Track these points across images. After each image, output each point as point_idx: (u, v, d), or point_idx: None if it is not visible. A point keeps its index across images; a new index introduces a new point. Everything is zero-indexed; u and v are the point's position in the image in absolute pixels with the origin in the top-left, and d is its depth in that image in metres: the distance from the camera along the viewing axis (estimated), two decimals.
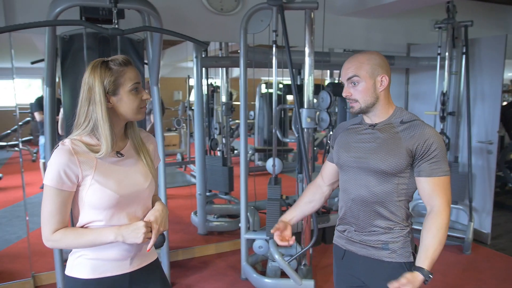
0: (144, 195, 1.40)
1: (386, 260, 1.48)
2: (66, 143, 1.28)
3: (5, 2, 2.69)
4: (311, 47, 2.90)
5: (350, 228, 1.55)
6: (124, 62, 1.32)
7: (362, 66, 1.44)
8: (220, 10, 3.37)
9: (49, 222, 1.27)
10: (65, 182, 1.25)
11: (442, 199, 1.41)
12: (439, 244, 1.38)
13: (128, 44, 2.86)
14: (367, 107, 1.47)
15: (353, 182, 1.52)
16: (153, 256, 1.50)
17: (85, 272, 1.35)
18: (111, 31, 2.23)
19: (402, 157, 1.41)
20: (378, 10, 3.72)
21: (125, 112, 1.33)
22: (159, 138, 2.92)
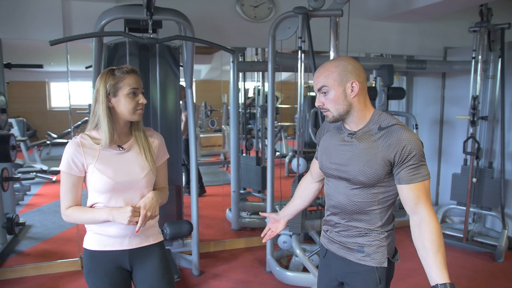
0: (140, 184, 1.61)
1: (359, 263, 1.49)
2: (77, 138, 1.57)
3: (64, 17, 3.09)
4: (336, 51, 3.02)
5: (332, 228, 1.59)
6: (127, 71, 1.56)
7: (330, 74, 1.42)
8: (254, 18, 3.58)
9: (63, 200, 1.57)
10: (73, 168, 1.54)
11: (427, 205, 1.38)
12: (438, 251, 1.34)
13: (166, 50, 3.15)
14: (340, 115, 1.45)
15: (334, 189, 1.54)
16: (154, 239, 1.70)
17: (92, 244, 1.62)
18: (147, 40, 2.51)
19: (379, 168, 1.39)
20: (412, 14, 3.75)
21: (123, 112, 1.56)
22: (191, 137, 3.18)
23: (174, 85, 3.27)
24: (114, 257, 1.63)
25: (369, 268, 1.47)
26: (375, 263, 1.47)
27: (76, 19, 3.15)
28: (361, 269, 1.49)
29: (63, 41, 2.48)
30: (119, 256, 1.63)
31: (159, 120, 3.19)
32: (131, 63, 3.02)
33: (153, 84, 3.15)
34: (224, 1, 3.50)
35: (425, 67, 3.84)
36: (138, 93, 1.57)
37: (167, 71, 3.20)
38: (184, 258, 3.37)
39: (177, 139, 3.36)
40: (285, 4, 3.58)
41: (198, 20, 3.26)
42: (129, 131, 1.65)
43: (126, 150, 1.62)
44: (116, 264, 1.64)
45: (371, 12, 3.92)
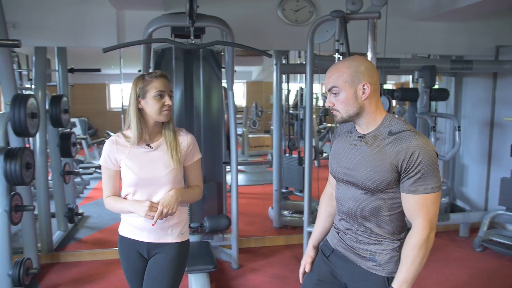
0: (161, 181, 1.72)
1: (369, 271, 1.45)
2: (113, 136, 1.76)
3: (118, 25, 3.38)
4: (373, 52, 3.04)
5: (343, 233, 1.55)
6: (155, 75, 1.70)
7: (341, 75, 1.39)
8: (295, 22, 3.68)
9: (104, 190, 1.78)
10: (108, 162, 1.74)
11: (422, 218, 1.33)
12: (412, 263, 1.33)
13: (209, 54, 3.34)
14: (350, 117, 1.42)
15: (343, 194, 1.50)
16: (173, 239, 1.79)
17: (122, 230, 1.82)
18: (189, 46, 2.70)
19: (387, 174, 1.35)
20: (458, 13, 3.65)
21: (150, 113, 1.70)
22: (232, 137, 3.34)
23: (217, 86, 3.46)
24: (136, 244, 1.79)
25: (379, 277, 1.42)
26: (386, 273, 1.42)
27: (129, 27, 3.42)
28: (371, 278, 1.44)
29: (114, 48, 2.74)
30: (139, 245, 1.79)
31: (202, 120, 3.38)
32: (176, 67, 3.24)
33: (196, 86, 3.35)
34: (265, 6, 3.63)
35: (472, 67, 3.72)
36: (164, 95, 1.69)
37: (210, 74, 3.39)
38: (224, 252, 3.54)
39: (220, 139, 3.53)
40: (326, 7, 3.64)
41: (240, 25, 3.41)
42: (159, 131, 1.77)
43: (154, 148, 1.75)
44: (137, 250, 1.80)
45: (414, 12, 3.87)
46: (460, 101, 4.66)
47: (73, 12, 3.33)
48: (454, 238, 4.17)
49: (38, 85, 3.73)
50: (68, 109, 3.86)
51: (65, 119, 3.78)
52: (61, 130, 4.06)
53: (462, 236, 4.18)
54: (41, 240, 3.61)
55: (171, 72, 3.26)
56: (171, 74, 3.29)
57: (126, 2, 3.22)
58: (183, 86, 3.31)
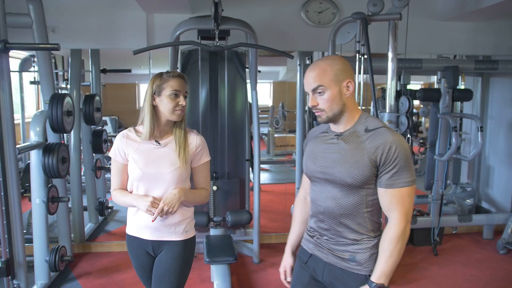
0: (164, 178, 1.72)
1: (351, 271, 1.45)
2: (125, 130, 1.79)
3: (148, 28, 3.55)
4: (394, 53, 3.07)
5: (319, 236, 1.53)
6: (173, 75, 1.72)
7: (325, 73, 1.38)
8: (318, 23, 3.75)
9: (112, 183, 1.81)
10: (117, 155, 1.76)
11: (399, 211, 1.36)
12: (390, 256, 1.35)
13: (234, 55, 3.47)
14: (335, 115, 1.42)
15: (320, 194, 1.49)
16: (177, 237, 1.79)
17: (128, 228, 1.84)
18: (214, 48, 2.83)
19: (366, 169, 1.37)
20: (483, 12, 3.62)
21: (163, 110, 1.71)
22: (255, 135, 3.45)
23: (241, 86, 3.58)
24: (142, 243, 1.81)
25: (361, 276, 1.43)
26: (368, 271, 1.42)
27: (158, 30, 3.59)
28: (353, 278, 1.44)
29: (144, 50, 2.90)
30: (145, 243, 1.80)
31: (227, 119, 3.51)
32: (202, 67, 3.38)
33: (221, 86, 3.48)
34: (289, 8, 3.72)
35: (497, 67, 3.69)
36: (180, 95, 1.71)
37: (234, 74, 3.51)
38: (246, 246, 3.66)
39: (243, 136, 3.65)
40: (349, 8, 3.68)
41: (265, 26, 3.53)
42: (170, 129, 1.78)
43: (162, 145, 1.76)
44: (144, 249, 1.82)
45: (438, 12, 3.87)
46: (487, 102, 4.60)
47: (107, 16, 3.53)
48: (477, 239, 4.13)
49: (73, 85, 3.96)
50: (100, 108, 4.07)
51: (97, 117, 3.99)
52: (94, 128, 4.29)
53: (486, 238, 4.14)
54: (74, 231, 3.83)
55: (197, 73, 3.41)
56: (197, 74, 3.44)
57: (156, 6, 3.38)
58: (209, 86, 3.45)
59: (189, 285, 3.05)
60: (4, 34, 2.41)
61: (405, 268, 3.48)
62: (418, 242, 3.93)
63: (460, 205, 4.25)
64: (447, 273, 3.40)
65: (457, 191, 4.62)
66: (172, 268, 1.78)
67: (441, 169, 3.76)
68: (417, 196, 4.71)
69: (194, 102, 3.50)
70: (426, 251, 3.82)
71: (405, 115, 3.05)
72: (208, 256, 2.82)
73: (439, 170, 3.77)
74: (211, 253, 2.86)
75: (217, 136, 3.50)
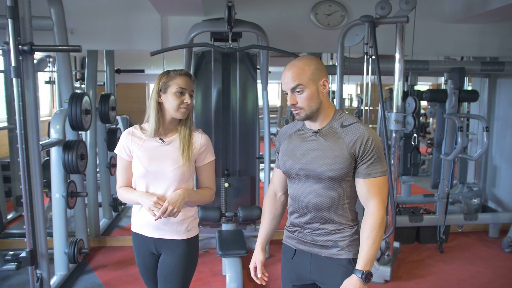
0: (167, 176, 1.71)
1: (335, 257, 1.51)
2: (131, 128, 1.79)
3: (162, 30, 3.68)
4: (401, 54, 3.16)
5: (301, 229, 1.57)
6: (180, 73, 1.72)
7: (303, 73, 1.43)
8: (327, 25, 3.85)
9: (117, 179, 1.81)
10: (122, 152, 1.76)
11: (377, 200, 1.44)
12: (373, 243, 1.42)
13: (246, 56, 3.58)
14: (312, 113, 1.47)
15: (302, 190, 1.53)
16: (179, 236, 1.78)
17: (133, 226, 1.85)
18: (227, 49, 2.95)
19: (346, 162, 1.44)
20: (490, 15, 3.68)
21: (168, 108, 1.71)
22: (266, 133, 3.56)
23: (252, 86, 3.69)
24: (144, 240, 1.81)
25: (346, 260, 1.50)
26: (350, 255, 1.49)
27: (171, 32, 3.72)
28: (337, 263, 1.51)
29: (160, 52, 3.03)
30: (148, 241, 1.80)
31: (238, 118, 3.62)
32: (215, 68, 3.50)
33: (233, 86, 3.60)
34: (299, 10, 3.82)
35: (503, 68, 3.76)
36: (185, 93, 1.70)
37: (246, 75, 3.62)
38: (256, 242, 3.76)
39: (254, 135, 3.76)
40: (358, 11, 3.77)
41: (275, 28, 3.64)
42: (175, 127, 1.78)
43: (166, 143, 1.75)
44: (147, 247, 1.82)
45: (445, 15, 3.94)
46: (493, 103, 4.66)
47: (123, 19, 3.66)
48: (482, 238, 4.20)
49: (90, 84, 4.10)
50: (115, 107, 4.19)
51: (112, 116, 4.12)
52: (108, 126, 4.42)
53: (492, 236, 4.21)
54: (90, 226, 3.96)
55: (210, 73, 3.53)
56: (210, 75, 3.55)
57: (170, 8, 3.50)
58: (221, 86, 3.57)
59: (201, 279, 3.21)
60: (30, 36, 2.54)
61: (411, 264, 3.56)
62: (424, 240, 4.01)
63: (466, 205, 4.31)
64: (453, 269, 3.48)
65: (463, 190, 4.69)
66: (177, 268, 1.78)
67: (447, 168, 3.83)
68: (424, 195, 4.80)
69: (206, 101, 3.62)
70: (432, 249, 3.90)
71: (412, 115, 3.13)
72: (221, 250, 2.93)
73: (445, 169, 3.85)
74: (223, 247, 2.97)
75: (228, 134, 3.61)
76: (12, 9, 2.37)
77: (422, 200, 4.65)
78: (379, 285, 3.17)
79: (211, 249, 3.78)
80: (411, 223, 3.88)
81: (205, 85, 3.59)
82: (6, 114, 4.73)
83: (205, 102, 3.63)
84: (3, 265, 3.33)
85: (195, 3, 3.24)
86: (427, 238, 3.99)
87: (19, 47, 2.44)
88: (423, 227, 3.97)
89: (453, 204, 4.31)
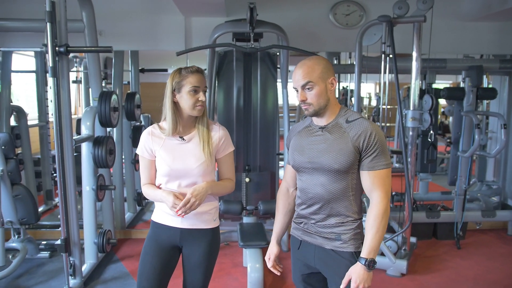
0: (193, 173, 1.77)
1: (338, 250, 1.58)
2: (149, 128, 1.83)
3: (186, 31, 3.83)
4: (418, 53, 3.22)
5: (307, 221, 1.66)
6: (191, 70, 1.73)
7: (314, 71, 1.53)
8: (345, 25, 3.93)
9: (141, 178, 1.86)
10: (144, 152, 1.81)
11: (380, 191, 1.52)
12: (377, 232, 1.49)
13: (266, 56, 3.70)
14: (320, 109, 1.56)
15: (309, 182, 1.62)
16: (206, 225, 1.85)
17: (156, 217, 1.88)
18: (249, 49, 3.07)
19: (351, 155, 1.52)
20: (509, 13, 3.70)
21: (184, 106, 1.74)
22: (286, 130, 3.67)
23: (272, 85, 3.80)
24: (169, 231, 1.84)
25: (348, 253, 1.58)
26: (353, 248, 1.57)
27: (195, 32, 3.86)
28: (340, 256, 1.59)
29: (186, 52, 3.17)
30: (171, 231, 1.83)
31: (259, 116, 3.74)
32: (237, 67, 3.64)
33: (254, 84, 3.72)
34: (318, 11, 3.92)
35: None
36: (199, 91, 1.73)
37: (266, 73, 3.74)
38: None
39: (274, 132, 3.88)
40: (376, 10, 3.85)
41: (295, 28, 3.74)
42: (193, 124, 1.82)
43: (187, 141, 1.80)
44: (170, 238, 1.84)
45: (463, 13, 3.97)
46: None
47: (148, 20, 3.82)
48: (501, 235, 4.22)
49: (116, 83, 4.29)
50: (140, 105, 4.37)
51: (137, 113, 4.30)
52: (133, 123, 4.60)
53: (511, 234, 4.22)
54: (116, 219, 4.14)
55: (232, 72, 3.67)
56: (232, 73, 3.69)
57: (195, 10, 3.65)
58: (242, 84, 3.70)
59: (223, 269, 3.35)
60: (65, 38, 2.72)
61: (428, 259, 3.63)
62: (441, 236, 4.06)
63: (485, 202, 4.33)
64: (469, 264, 3.53)
65: (482, 188, 4.70)
66: (205, 256, 1.84)
67: (464, 165, 3.87)
68: (441, 193, 4.82)
69: (228, 99, 3.76)
70: (449, 245, 3.95)
71: (428, 112, 3.20)
72: (242, 241, 3.06)
73: (463, 166, 3.88)
74: (244, 238, 3.10)
75: (249, 131, 3.74)
76: (50, 14, 2.54)
77: (439, 197, 4.69)
78: (395, 278, 3.25)
79: (232, 242, 3.92)
80: (428, 219, 3.94)
81: (227, 83, 3.73)
82: (38, 112, 4.97)
83: (227, 100, 3.76)
84: (37, 253, 3.55)
85: (218, 5, 3.37)
86: (444, 235, 4.04)
87: (56, 49, 2.62)
88: (440, 223, 4.01)
89: (472, 202, 4.33)
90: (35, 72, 4.87)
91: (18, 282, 3.17)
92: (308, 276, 1.72)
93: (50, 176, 4.95)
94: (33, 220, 3.36)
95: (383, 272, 3.33)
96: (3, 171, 3.08)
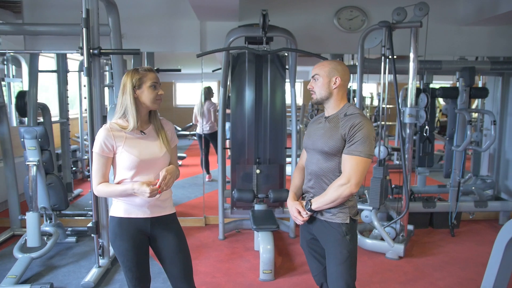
0: (159, 162, 1.89)
1: (327, 221, 1.90)
2: (106, 125, 1.86)
3: (201, 34, 4.15)
4: (415, 55, 3.53)
5: (308, 194, 1.99)
6: (148, 69, 1.89)
7: (323, 68, 1.87)
8: (349, 29, 4.25)
9: (95, 177, 1.86)
10: (104, 150, 1.83)
11: (348, 172, 1.79)
12: (325, 194, 1.84)
13: (276, 58, 4.02)
14: (322, 99, 1.89)
15: (310, 160, 1.97)
16: (170, 210, 1.99)
17: (121, 212, 1.90)
18: (262, 52, 3.39)
19: (338, 141, 1.82)
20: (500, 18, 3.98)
21: (145, 101, 1.86)
22: (293, 127, 3.98)
23: (281, 85, 4.11)
24: (138, 223, 1.91)
25: (336, 224, 1.88)
26: (340, 220, 1.88)
27: (209, 35, 4.18)
28: (330, 226, 1.90)
29: (205, 54, 3.50)
30: (142, 222, 1.92)
31: (269, 112, 4.05)
32: (249, 68, 3.95)
33: (264, 84, 4.03)
34: (323, 16, 4.24)
35: None
36: (158, 86, 1.88)
37: (276, 74, 4.05)
38: (284, 223, 4.20)
39: (282, 128, 4.19)
40: (377, 16, 4.17)
41: (301, 32, 4.06)
42: (147, 119, 1.95)
43: (147, 134, 1.92)
44: (140, 229, 1.91)
45: (458, 18, 4.28)
46: (507, 99, 4.94)
47: (166, 24, 4.14)
48: (493, 225, 4.52)
49: None
50: None
51: None
52: None
53: (502, 223, 4.52)
54: None
55: (244, 72, 3.98)
56: (244, 74, 4.00)
57: (209, 14, 3.96)
58: (254, 84, 4.01)
59: (235, 252, 3.68)
60: (98, 42, 3.03)
61: (424, 245, 3.94)
62: (437, 224, 4.37)
63: (479, 195, 4.62)
64: (462, 249, 3.84)
65: (477, 182, 4.99)
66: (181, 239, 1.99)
67: (458, 159, 4.18)
68: (438, 186, 5.12)
69: (241, 97, 4.07)
70: (444, 233, 4.26)
71: (424, 109, 3.51)
72: (255, 224, 3.38)
73: (457, 160, 4.19)
74: (257, 222, 3.42)
75: (260, 127, 4.05)
76: (86, 20, 2.86)
77: (436, 190, 4.99)
78: (393, 261, 3.56)
79: (243, 230, 4.23)
80: (425, 209, 4.24)
81: (240, 82, 4.05)
82: (58, 110, 5.29)
83: (239, 98, 4.08)
84: (65, 238, 3.87)
85: (233, 10, 3.69)
86: (440, 223, 4.35)
87: (90, 51, 2.94)
88: (436, 213, 4.32)
89: (467, 195, 4.63)
90: (56, 71, 5.19)
91: (51, 261, 3.49)
92: (311, 241, 2.05)
93: (70, 169, 5.28)
94: (63, 207, 3.67)
95: (383, 255, 3.64)
96: (39, 161, 3.40)
